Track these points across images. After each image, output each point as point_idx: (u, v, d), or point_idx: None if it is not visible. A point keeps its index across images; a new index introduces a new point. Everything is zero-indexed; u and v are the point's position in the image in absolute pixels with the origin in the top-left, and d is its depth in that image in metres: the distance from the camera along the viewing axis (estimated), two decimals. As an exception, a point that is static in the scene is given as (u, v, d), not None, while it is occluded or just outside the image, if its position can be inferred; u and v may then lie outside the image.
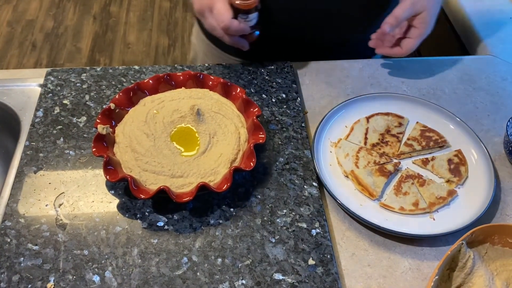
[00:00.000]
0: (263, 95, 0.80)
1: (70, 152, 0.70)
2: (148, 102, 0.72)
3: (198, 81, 0.75)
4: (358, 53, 0.93)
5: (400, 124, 0.77)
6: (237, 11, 0.72)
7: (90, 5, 2.65)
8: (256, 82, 0.82)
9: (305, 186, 0.67)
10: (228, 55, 0.95)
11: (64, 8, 2.63)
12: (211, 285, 0.57)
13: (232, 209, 0.64)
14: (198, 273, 0.58)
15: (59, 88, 0.78)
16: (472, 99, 0.84)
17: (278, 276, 0.58)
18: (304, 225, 0.63)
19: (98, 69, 0.82)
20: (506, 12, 1.05)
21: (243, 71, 0.83)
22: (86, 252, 0.59)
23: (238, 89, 0.73)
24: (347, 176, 0.70)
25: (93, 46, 2.42)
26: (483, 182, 0.69)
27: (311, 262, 0.60)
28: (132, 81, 0.80)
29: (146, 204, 0.64)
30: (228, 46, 0.79)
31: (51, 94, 0.77)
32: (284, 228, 0.63)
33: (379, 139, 0.75)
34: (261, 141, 0.66)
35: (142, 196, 0.60)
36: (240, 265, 0.59)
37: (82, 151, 0.70)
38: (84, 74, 0.81)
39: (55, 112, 0.75)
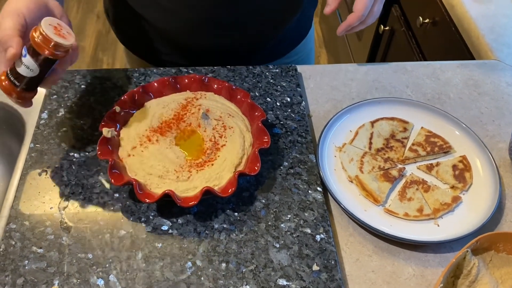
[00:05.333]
0: (268, 98, 0.80)
1: (75, 154, 0.70)
2: (153, 105, 0.72)
3: (203, 84, 0.75)
4: (272, 55, 0.95)
5: (405, 129, 0.77)
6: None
7: (93, 4, 2.65)
8: (260, 85, 0.81)
9: (309, 191, 0.67)
10: (144, 61, 0.96)
11: (67, 6, 2.63)
12: (215, 290, 0.57)
13: (236, 214, 0.64)
14: (202, 278, 0.58)
15: (63, 90, 0.78)
16: (477, 104, 0.84)
17: (282, 282, 0.58)
18: (309, 231, 0.63)
19: (103, 71, 0.82)
20: (511, 16, 1.05)
21: (247, 74, 0.83)
22: (90, 255, 0.59)
23: (243, 93, 0.73)
24: (351, 181, 0.70)
25: (96, 45, 2.42)
26: (488, 188, 0.69)
27: (315, 268, 0.60)
28: (137, 84, 0.80)
29: (151, 208, 0.64)
30: (142, 51, 0.87)
31: (56, 96, 0.77)
32: (289, 233, 0.63)
33: (383, 144, 0.75)
34: (265, 145, 0.66)
35: (147, 200, 0.60)
36: (244, 270, 0.59)
37: (87, 153, 0.70)
38: (89, 76, 0.81)
39: (60, 114, 0.75)
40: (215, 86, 0.75)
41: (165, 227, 0.63)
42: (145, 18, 0.84)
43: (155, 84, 0.74)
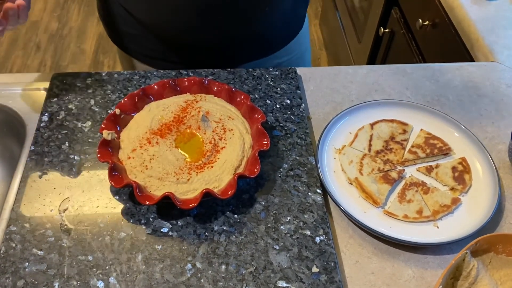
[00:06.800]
0: (268, 101, 0.80)
1: (75, 157, 0.70)
2: (153, 108, 0.72)
3: (203, 87, 0.76)
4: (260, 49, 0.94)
5: (405, 131, 0.77)
6: None
7: (94, 6, 2.65)
8: (260, 88, 0.82)
9: (309, 193, 0.67)
10: (136, 61, 0.96)
11: (68, 9, 2.64)
12: (215, 292, 0.57)
13: (236, 216, 0.65)
14: (202, 280, 0.58)
15: (64, 92, 0.79)
16: (476, 106, 0.84)
17: (281, 284, 0.58)
18: (308, 232, 0.63)
19: (103, 73, 0.82)
20: (511, 18, 1.05)
21: (247, 76, 0.84)
22: (90, 257, 0.60)
23: (243, 95, 0.74)
24: (351, 183, 0.70)
25: (97, 48, 2.43)
26: (487, 190, 0.69)
27: (315, 269, 0.60)
28: (137, 86, 0.81)
29: (151, 210, 0.65)
30: (133, 48, 0.86)
31: (56, 99, 0.78)
32: (288, 235, 0.63)
33: (383, 146, 0.75)
34: (265, 147, 0.67)
35: (147, 202, 0.60)
36: (244, 272, 0.59)
37: (87, 156, 0.70)
38: (89, 79, 0.81)
39: (60, 116, 0.75)
40: (215, 88, 0.76)
41: (165, 229, 0.63)
42: (131, 13, 0.85)
43: (155, 86, 0.74)
